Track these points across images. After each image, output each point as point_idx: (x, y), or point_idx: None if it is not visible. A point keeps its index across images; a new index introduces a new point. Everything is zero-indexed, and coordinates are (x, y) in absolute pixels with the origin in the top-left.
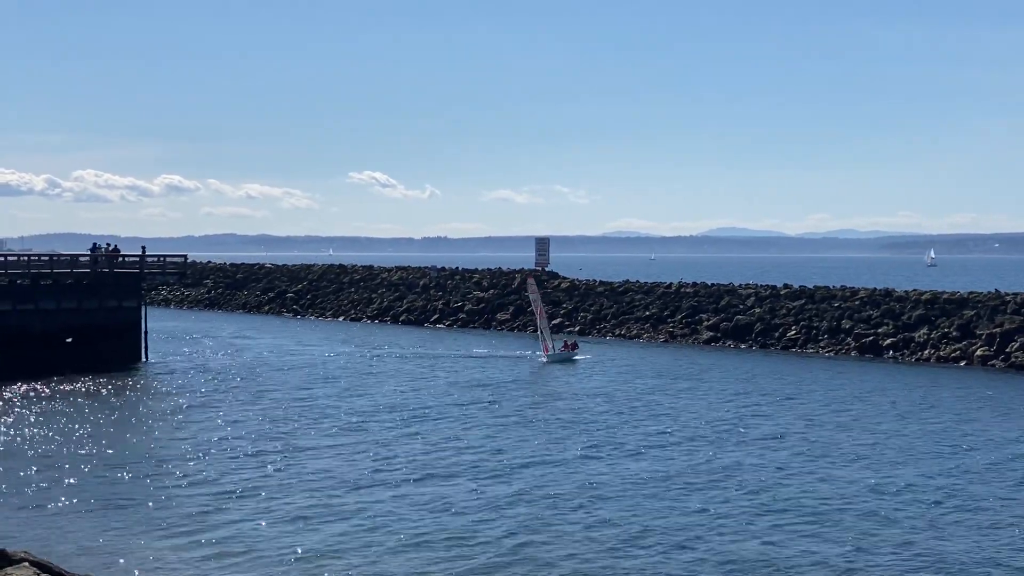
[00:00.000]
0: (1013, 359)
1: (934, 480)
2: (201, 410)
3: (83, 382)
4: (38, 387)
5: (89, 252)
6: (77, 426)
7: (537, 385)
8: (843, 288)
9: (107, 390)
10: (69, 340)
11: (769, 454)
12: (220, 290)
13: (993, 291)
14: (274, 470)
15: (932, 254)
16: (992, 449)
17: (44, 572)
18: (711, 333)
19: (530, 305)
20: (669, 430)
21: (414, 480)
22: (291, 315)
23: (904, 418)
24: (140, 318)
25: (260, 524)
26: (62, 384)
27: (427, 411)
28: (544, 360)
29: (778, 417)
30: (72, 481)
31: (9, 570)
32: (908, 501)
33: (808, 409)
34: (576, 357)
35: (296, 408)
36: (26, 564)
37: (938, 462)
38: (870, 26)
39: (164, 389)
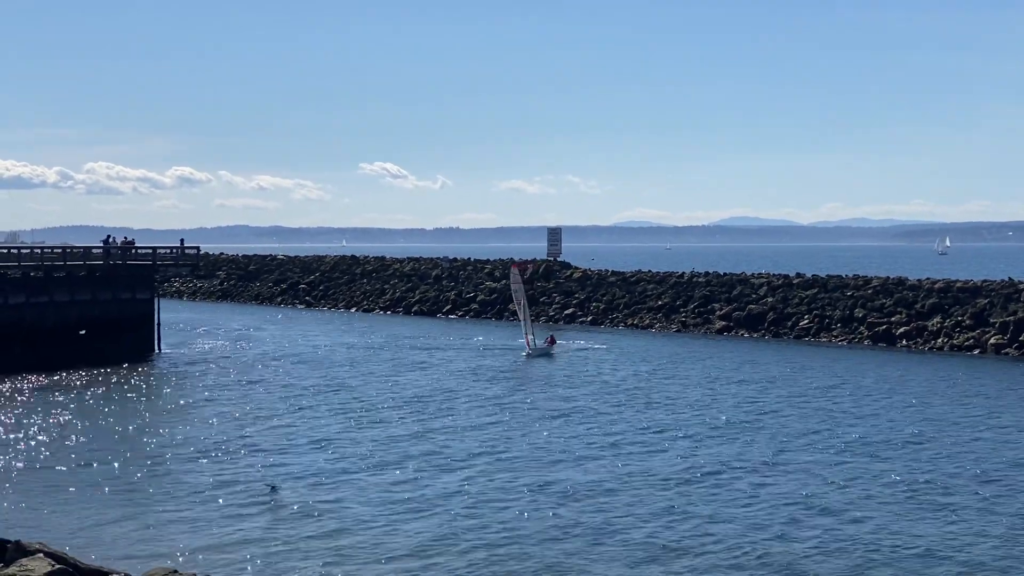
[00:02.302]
0: None
1: (947, 469)
2: (214, 401)
3: (96, 374)
4: (51, 379)
5: (102, 244)
6: (90, 418)
7: (548, 375)
8: (856, 277)
9: (120, 382)
10: (83, 332)
11: (784, 446)
12: (233, 282)
13: (1007, 279)
14: (287, 460)
15: (948, 242)
16: (1006, 437)
17: (59, 563)
18: (723, 322)
19: (543, 295)
20: (677, 422)
21: (421, 468)
22: (304, 306)
23: (917, 407)
24: (153, 310)
25: (273, 513)
26: (76, 376)
27: (442, 402)
28: (525, 354)
29: (790, 409)
30: (86, 473)
31: (24, 561)
32: (917, 493)
33: (821, 399)
34: (554, 351)
35: (309, 398)
36: (41, 555)
37: (951, 451)
38: (882, 14)
39: (177, 381)
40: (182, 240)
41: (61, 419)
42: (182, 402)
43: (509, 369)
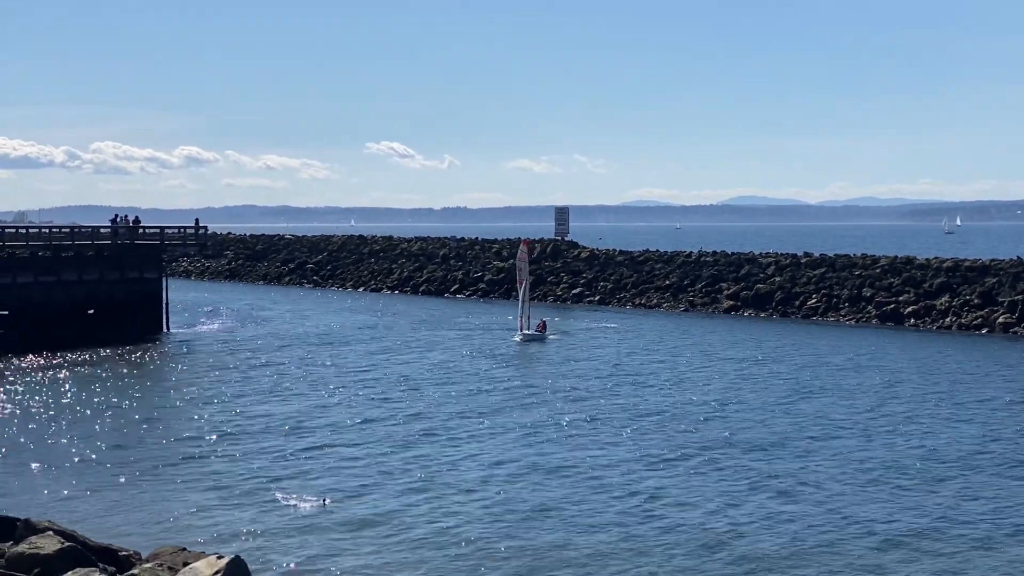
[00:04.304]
0: None
1: (958, 448)
2: (222, 381)
3: (104, 354)
4: (60, 358)
5: (110, 224)
6: (98, 398)
7: (551, 357)
8: (864, 256)
9: (129, 361)
10: (91, 311)
11: (782, 427)
12: (240, 261)
13: (1015, 258)
14: (295, 437)
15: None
16: (1016, 416)
17: (68, 541)
18: (731, 302)
19: (550, 275)
20: (682, 402)
21: (425, 444)
22: (311, 286)
23: (927, 387)
24: (161, 289)
25: (281, 490)
26: (83, 356)
27: (446, 383)
28: (518, 339)
29: (791, 388)
30: (94, 452)
31: (34, 539)
32: (928, 472)
33: (832, 380)
34: (546, 337)
35: (316, 378)
36: (50, 533)
37: (962, 431)
38: None
39: (185, 360)
40: (197, 220)
41: (69, 399)
42: (190, 382)
43: (518, 351)
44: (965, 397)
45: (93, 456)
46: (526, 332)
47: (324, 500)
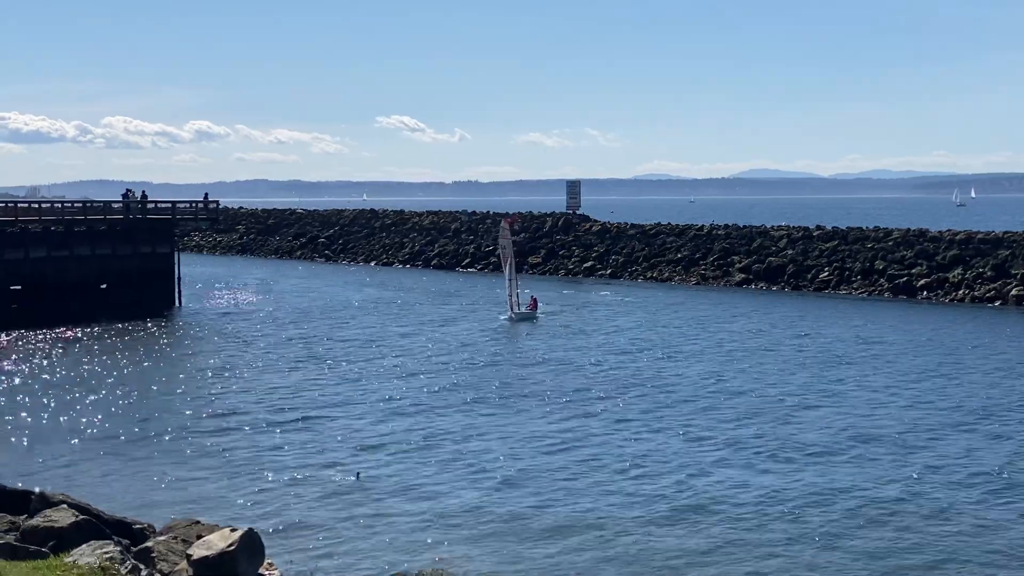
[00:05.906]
0: None
1: (972, 425)
2: (235, 356)
3: (117, 328)
4: (72, 333)
5: (121, 199)
6: (111, 372)
7: (557, 330)
8: (876, 229)
9: (141, 335)
10: (103, 286)
11: (787, 402)
12: (252, 236)
13: None
14: (307, 411)
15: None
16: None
17: (82, 514)
18: (743, 275)
19: (562, 248)
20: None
21: (432, 417)
22: (323, 260)
23: (940, 359)
24: (173, 264)
25: (291, 463)
26: (96, 330)
27: (460, 359)
28: (506, 318)
29: (796, 362)
30: (108, 426)
31: (49, 512)
32: (937, 450)
33: (844, 354)
34: (538, 315)
35: (329, 350)
36: (65, 506)
37: (974, 406)
38: None
39: (198, 334)
40: (206, 194)
41: (82, 374)
42: (203, 356)
43: (512, 329)
44: (975, 370)
45: (107, 430)
46: (517, 311)
47: (357, 474)
